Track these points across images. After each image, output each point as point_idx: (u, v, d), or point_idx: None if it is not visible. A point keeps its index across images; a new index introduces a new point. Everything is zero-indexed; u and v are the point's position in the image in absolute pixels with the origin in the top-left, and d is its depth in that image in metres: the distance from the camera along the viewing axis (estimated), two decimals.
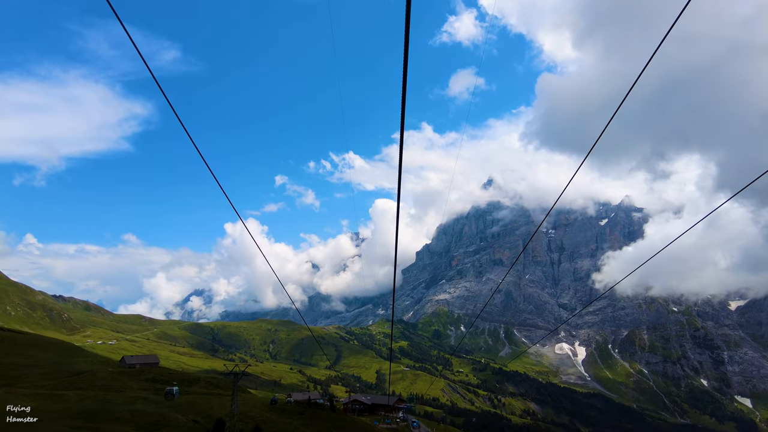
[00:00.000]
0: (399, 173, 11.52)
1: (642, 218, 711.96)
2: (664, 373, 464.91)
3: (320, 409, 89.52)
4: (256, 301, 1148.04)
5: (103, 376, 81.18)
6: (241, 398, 77.41)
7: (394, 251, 19.04)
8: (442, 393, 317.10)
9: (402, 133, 9.58)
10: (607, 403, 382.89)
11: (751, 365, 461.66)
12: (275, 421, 67.83)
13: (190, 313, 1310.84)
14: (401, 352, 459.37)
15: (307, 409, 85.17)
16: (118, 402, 54.17)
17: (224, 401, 70.82)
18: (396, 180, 50.31)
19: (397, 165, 11.21)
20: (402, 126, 9.52)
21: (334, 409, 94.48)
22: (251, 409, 71.57)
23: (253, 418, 65.52)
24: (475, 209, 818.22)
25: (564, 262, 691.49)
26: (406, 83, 8.95)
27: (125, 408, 50.20)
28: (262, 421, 64.99)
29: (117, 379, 79.63)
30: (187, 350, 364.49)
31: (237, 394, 52.97)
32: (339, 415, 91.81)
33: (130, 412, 48.85)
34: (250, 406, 74.03)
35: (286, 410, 79.87)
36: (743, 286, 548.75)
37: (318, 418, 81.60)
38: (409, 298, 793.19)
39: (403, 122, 9.49)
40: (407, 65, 8.53)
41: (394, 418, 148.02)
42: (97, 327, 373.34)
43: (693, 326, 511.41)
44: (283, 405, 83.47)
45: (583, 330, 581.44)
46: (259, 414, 69.86)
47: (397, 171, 11.40)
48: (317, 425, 77.24)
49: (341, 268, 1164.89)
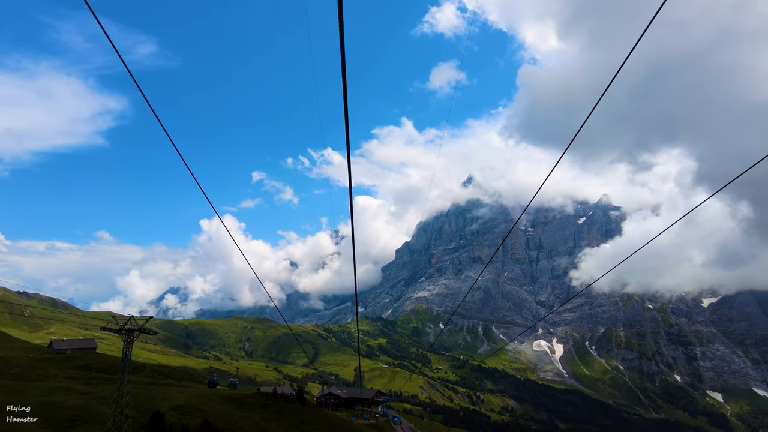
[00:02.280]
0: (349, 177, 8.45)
1: (620, 216, 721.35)
2: (639, 369, 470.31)
3: (288, 401, 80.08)
4: (232, 300, 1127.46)
5: (20, 362, 72.35)
6: (193, 389, 68.93)
7: (357, 250, 16.69)
8: (420, 390, 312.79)
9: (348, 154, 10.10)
10: (584, 399, 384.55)
11: (723, 361, 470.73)
12: (231, 416, 59.89)
13: (165, 312, 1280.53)
14: (380, 349, 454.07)
15: (272, 402, 75.75)
16: (31, 393, 45.84)
17: (171, 392, 63.32)
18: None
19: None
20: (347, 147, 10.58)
21: (303, 402, 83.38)
22: (203, 401, 62.81)
23: (204, 411, 57.59)
24: (455, 207, 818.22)
25: (542, 260, 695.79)
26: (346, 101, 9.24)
27: (37, 400, 42.41)
28: (215, 416, 57.17)
29: (38, 367, 69.86)
30: (160, 348, 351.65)
31: (129, 366, 43.27)
32: (310, 409, 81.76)
33: (41, 404, 41.13)
34: (202, 397, 64.86)
35: (246, 403, 70.72)
36: (717, 283, 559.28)
37: (284, 412, 73.12)
38: (388, 295, 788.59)
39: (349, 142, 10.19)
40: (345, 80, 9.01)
41: (373, 413, 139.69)
42: (62, 324, 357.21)
43: (668, 323, 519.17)
44: (243, 397, 73.60)
45: (560, 327, 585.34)
46: (211, 407, 61.50)
47: (346, 174, 8.42)
48: (283, 420, 69.01)
49: (320, 266, 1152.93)
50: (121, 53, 10.42)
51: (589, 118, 13.21)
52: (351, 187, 12.56)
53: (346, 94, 9.03)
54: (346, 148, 10.08)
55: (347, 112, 9.49)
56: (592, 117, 11.96)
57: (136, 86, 11.22)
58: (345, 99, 9.12)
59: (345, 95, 9.03)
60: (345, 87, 8.91)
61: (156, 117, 12.70)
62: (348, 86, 9.02)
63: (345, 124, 9.69)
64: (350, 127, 9.75)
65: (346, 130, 9.86)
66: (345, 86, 8.90)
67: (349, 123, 9.69)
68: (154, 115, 12.58)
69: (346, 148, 10.01)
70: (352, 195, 13.16)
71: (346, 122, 9.71)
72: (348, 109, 9.40)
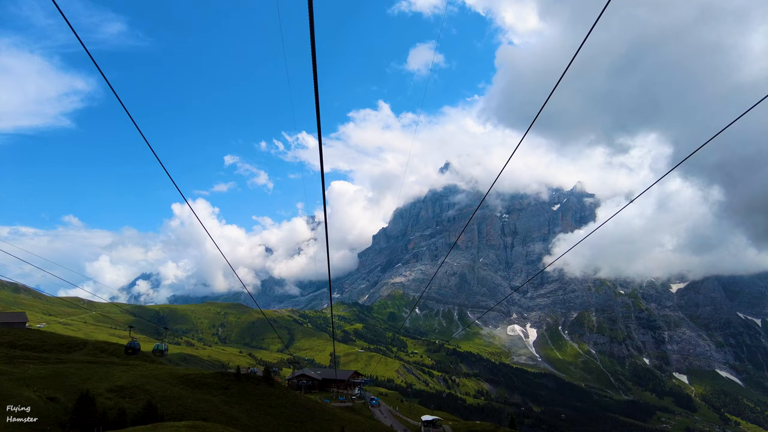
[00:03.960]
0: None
1: (594, 203, 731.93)
2: (610, 353, 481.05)
3: (253, 383, 72.21)
4: (206, 285, 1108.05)
5: None
6: (142, 368, 61.33)
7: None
8: (396, 374, 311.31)
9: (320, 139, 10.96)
10: (557, 382, 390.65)
11: (689, 344, 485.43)
12: (184, 398, 52.53)
13: (137, 298, 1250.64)
14: (356, 334, 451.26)
15: (234, 383, 68.16)
16: None
17: (113, 372, 56.26)
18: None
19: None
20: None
21: (271, 384, 75.49)
22: (151, 381, 55.75)
23: (150, 393, 50.45)
24: (432, 193, 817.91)
25: (517, 246, 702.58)
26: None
27: None
28: (163, 398, 50.48)
29: None
30: (128, 333, 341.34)
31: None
32: (278, 391, 74.73)
33: None
34: (151, 377, 57.47)
35: (204, 384, 63.44)
36: (685, 269, 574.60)
37: (249, 394, 66.21)
38: (365, 281, 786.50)
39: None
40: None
41: (349, 395, 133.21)
42: (25, 309, 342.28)
43: (638, 308, 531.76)
44: (200, 378, 65.84)
45: (534, 312, 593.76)
46: (161, 388, 54.42)
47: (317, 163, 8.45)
48: (247, 404, 62.53)
49: (295, 252, 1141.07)
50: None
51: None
52: (323, 169, 11.89)
53: (315, 75, 8.70)
54: (317, 129, 9.75)
55: (317, 93, 9.16)
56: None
57: (102, 66, 10.81)
58: (315, 80, 8.80)
59: (315, 76, 8.70)
60: (315, 67, 8.59)
61: (113, 92, 11.89)
62: (322, 66, 8.50)
63: (316, 106, 9.36)
64: (324, 110, 8.59)
65: (317, 111, 9.48)
66: (315, 67, 8.58)
67: (319, 106, 9.36)
68: (112, 90, 11.80)
69: (317, 131, 9.84)
70: (324, 180, 12.51)
71: (316, 104, 9.37)
72: (318, 91, 9.08)
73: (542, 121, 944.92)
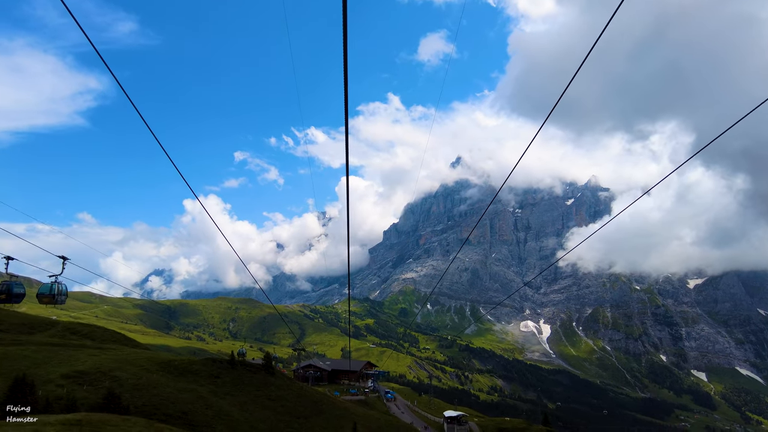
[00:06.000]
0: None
1: (609, 197, 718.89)
2: (626, 349, 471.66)
3: (250, 371, 63.44)
4: (217, 281, 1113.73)
5: None
6: (117, 352, 54.89)
7: (350, 232, 12.85)
8: (408, 370, 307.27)
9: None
10: (571, 379, 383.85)
11: (707, 341, 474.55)
12: (162, 387, 44.95)
13: (150, 293, 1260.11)
14: (367, 329, 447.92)
15: (227, 371, 59.01)
16: None
17: (79, 355, 48.59)
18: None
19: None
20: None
21: (272, 373, 66.58)
22: (123, 366, 47.78)
23: (119, 380, 42.68)
24: (443, 188, 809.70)
25: (530, 241, 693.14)
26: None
27: None
28: (134, 386, 42.29)
29: None
30: (140, 328, 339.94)
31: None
32: (280, 381, 66.37)
33: None
34: (124, 362, 49.58)
35: (190, 371, 54.58)
36: (704, 263, 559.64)
37: (244, 384, 57.73)
38: (375, 277, 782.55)
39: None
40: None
41: (362, 388, 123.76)
42: (35, 304, 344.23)
43: (654, 304, 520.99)
44: (186, 364, 56.91)
45: (548, 308, 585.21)
46: (134, 374, 46.32)
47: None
48: (240, 395, 54.40)
49: (306, 248, 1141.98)
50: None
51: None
52: (348, 166, 11.75)
53: (346, 74, 8.80)
54: (345, 128, 9.69)
55: (347, 93, 9.15)
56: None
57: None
58: (345, 79, 8.85)
59: (345, 74, 8.81)
60: (345, 66, 8.75)
61: (124, 92, 11.97)
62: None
63: (344, 103, 9.29)
64: (333, 102, 8.64)
65: (345, 110, 9.44)
66: (346, 65, 8.74)
67: (348, 104, 9.40)
68: (123, 91, 11.95)
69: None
70: (349, 176, 12.55)
71: (345, 101, 9.34)
72: (348, 91, 9.17)
73: (558, 110, 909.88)
